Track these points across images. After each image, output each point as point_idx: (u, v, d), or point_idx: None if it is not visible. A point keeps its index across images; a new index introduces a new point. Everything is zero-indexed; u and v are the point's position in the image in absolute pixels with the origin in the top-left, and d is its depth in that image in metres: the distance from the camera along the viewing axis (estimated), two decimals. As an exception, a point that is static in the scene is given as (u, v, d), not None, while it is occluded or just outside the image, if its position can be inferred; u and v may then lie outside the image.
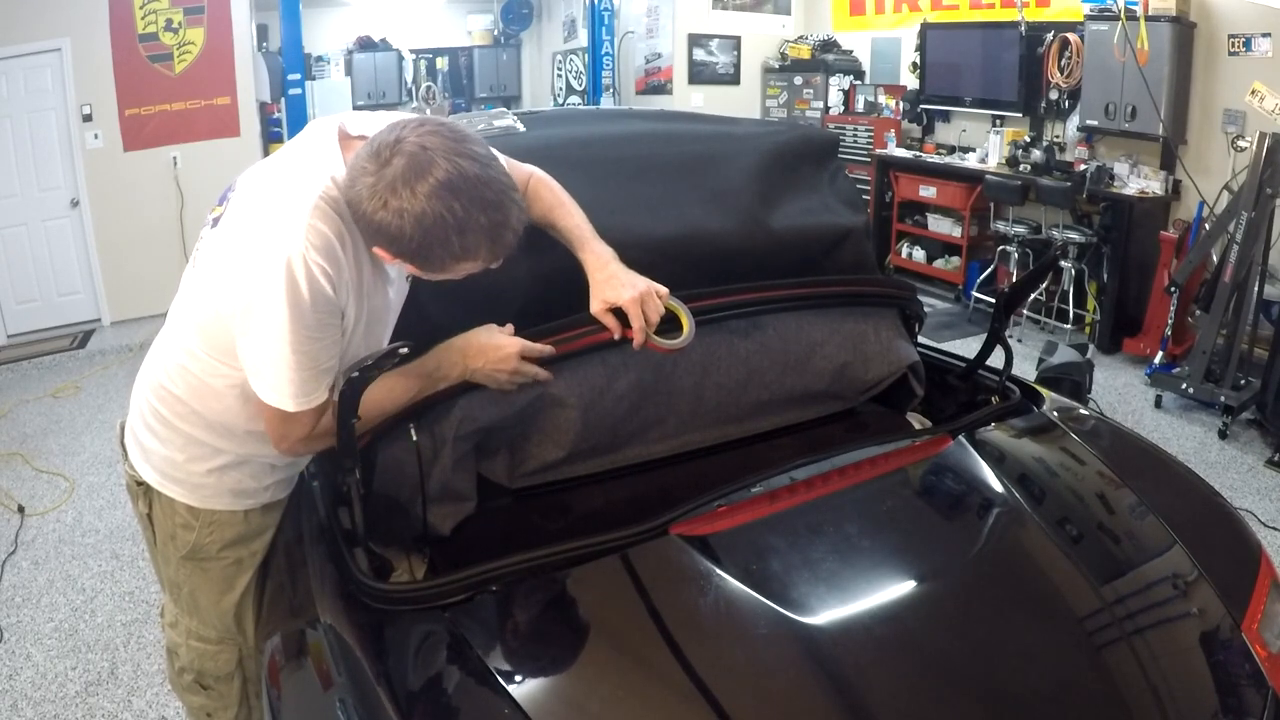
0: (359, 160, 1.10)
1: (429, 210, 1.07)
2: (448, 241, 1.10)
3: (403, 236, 1.09)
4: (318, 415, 1.28)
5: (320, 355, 1.22)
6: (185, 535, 1.48)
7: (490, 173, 1.11)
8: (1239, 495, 3.39)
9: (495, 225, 1.11)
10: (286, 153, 1.28)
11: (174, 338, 1.38)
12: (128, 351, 5.24)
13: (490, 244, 1.13)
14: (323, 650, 1.26)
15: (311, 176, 1.18)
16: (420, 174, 1.06)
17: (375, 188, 1.07)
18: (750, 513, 1.41)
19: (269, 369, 1.20)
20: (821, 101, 7.17)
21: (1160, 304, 4.61)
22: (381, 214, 1.08)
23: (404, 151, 1.07)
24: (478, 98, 9.31)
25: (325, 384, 1.26)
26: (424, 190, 1.06)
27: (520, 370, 1.40)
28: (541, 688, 1.16)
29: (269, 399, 1.23)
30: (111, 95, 5.46)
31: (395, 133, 1.09)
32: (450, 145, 1.08)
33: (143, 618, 2.72)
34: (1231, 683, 1.23)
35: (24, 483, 3.67)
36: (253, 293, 1.16)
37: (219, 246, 1.25)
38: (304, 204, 1.15)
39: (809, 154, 1.96)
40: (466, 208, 1.08)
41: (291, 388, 1.21)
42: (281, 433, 1.30)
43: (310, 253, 1.14)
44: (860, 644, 1.21)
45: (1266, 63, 4.37)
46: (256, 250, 1.16)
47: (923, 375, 1.97)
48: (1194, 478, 1.68)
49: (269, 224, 1.16)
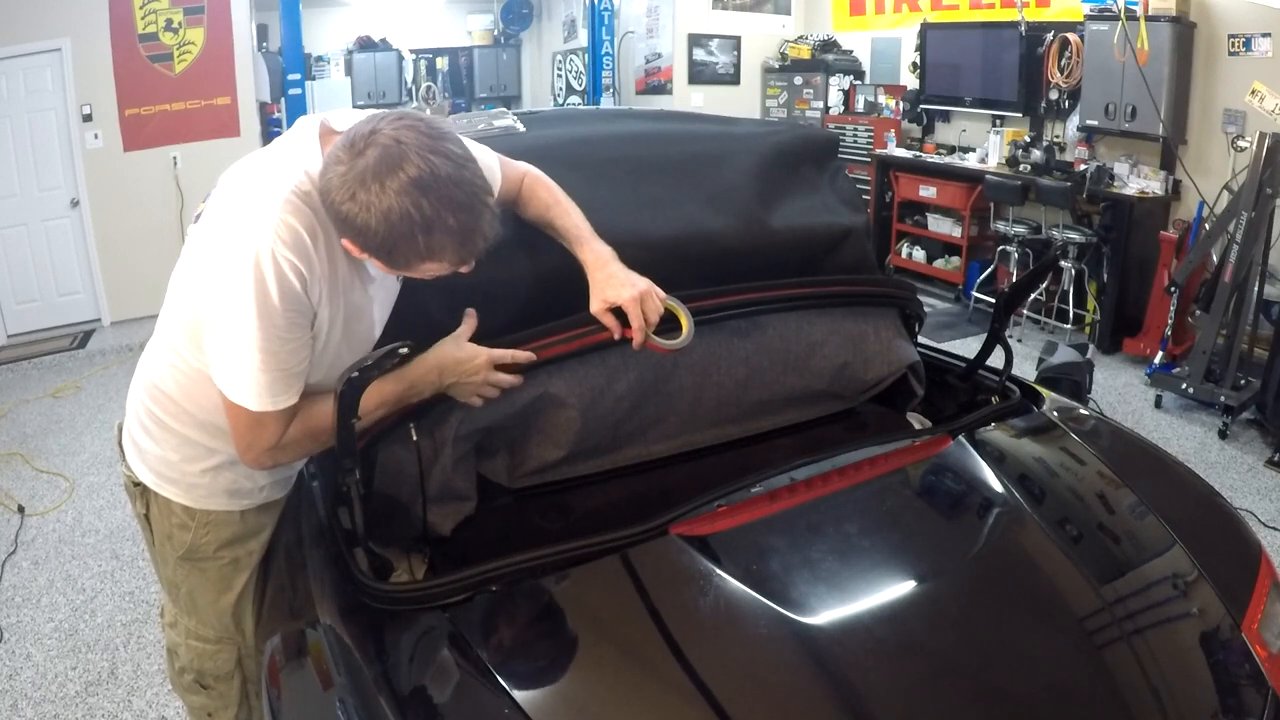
0: (334, 150, 1.09)
1: (396, 206, 1.05)
2: (413, 240, 1.07)
3: (368, 230, 1.07)
4: (284, 423, 1.25)
5: (287, 357, 1.19)
6: (182, 535, 1.48)
7: (464, 174, 1.09)
8: (1239, 495, 3.39)
9: (464, 228, 1.09)
10: (268, 148, 1.28)
11: (163, 337, 1.37)
12: (128, 351, 5.24)
13: (458, 246, 1.11)
14: (323, 650, 1.26)
15: (286, 171, 1.18)
16: (391, 169, 1.04)
17: (345, 178, 1.06)
18: (750, 513, 1.41)
19: (234, 365, 1.18)
20: (821, 101, 7.17)
21: (1160, 304, 4.61)
22: (349, 205, 1.06)
23: (378, 144, 1.06)
24: (478, 98, 9.31)
25: (292, 389, 1.22)
26: (394, 186, 1.04)
27: (492, 381, 1.37)
28: (541, 688, 1.16)
29: (232, 394, 1.20)
30: (111, 95, 5.46)
31: (371, 125, 1.08)
32: (425, 142, 1.06)
33: (143, 618, 2.72)
34: (1231, 683, 1.23)
35: (24, 483, 3.67)
36: (221, 287, 1.15)
37: (197, 242, 1.24)
38: (275, 198, 1.14)
39: (809, 154, 1.96)
40: (435, 207, 1.06)
41: (256, 386, 1.19)
42: (248, 440, 1.25)
43: (279, 247, 1.12)
44: (860, 644, 1.21)
45: (1266, 63, 4.37)
46: (227, 245, 1.15)
47: (923, 375, 1.97)
48: (1194, 478, 1.68)
49: (240, 219, 1.16)
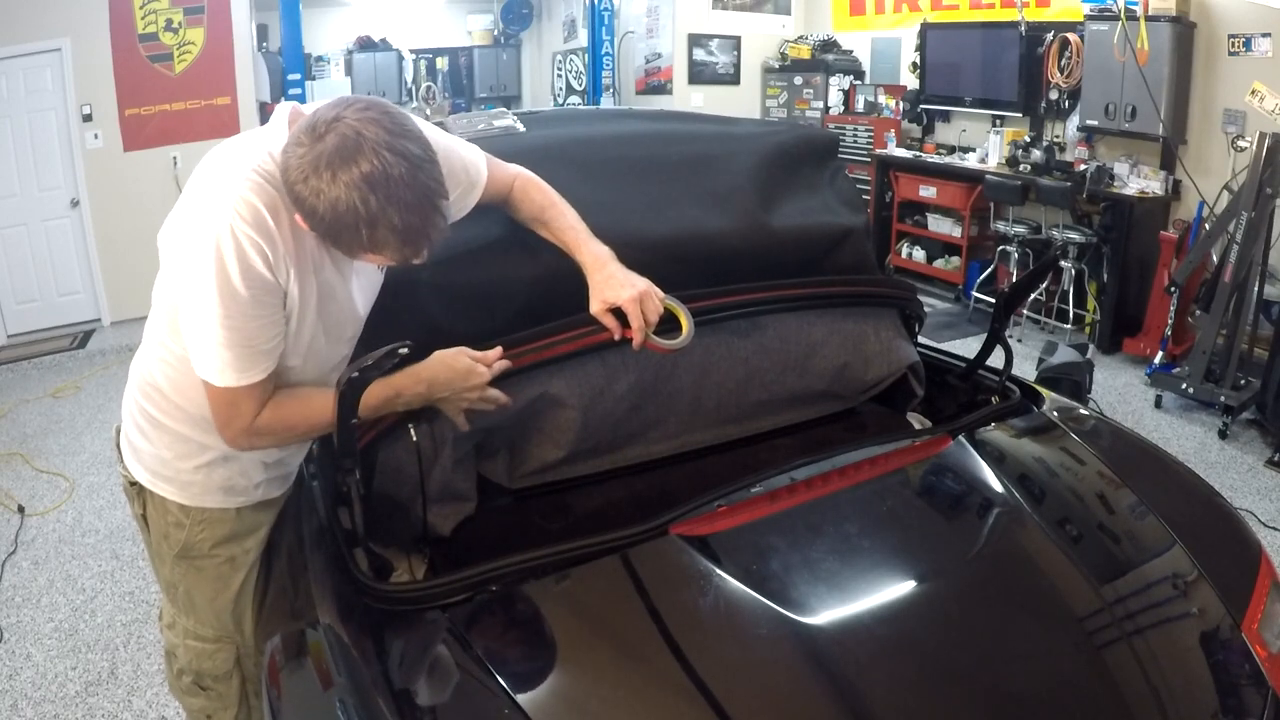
0: (297, 131, 1.11)
1: (344, 198, 1.06)
2: (357, 231, 1.09)
3: (316, 214, 1.09)
4: (258, 403, 1.26)
5: (254, 334, 1.20)
6: (177, 534, 1.48)
7: (418, 175, 1.09)
8: (1239, 495, 3.39)
9: (408, 227, 1.10)
10: (241, 134, 1.30)
11: (152, 331, 1.38)
12: (128, 351, 5.23)
13: (400, 244, 1.12)
14: (323, 650, 1.26)
15: (250, 151, 1.20)
16: (345, 161, 1.06)
17: (302, 160, 1.07)
18: (750, 513, 1.41)
19: (202, 341, 1.20)
20: (821, 101, 7.16)
21: (1160, 304, 4.61)
22: (301, 187, 1.08)
23: (338, 132, 1.07)
24: (478, 98, 9.31)
25: (263, 366, 1.23)
26: (345, 178, 1.06)
27: (486, 398, 1.38)
28: (541, 688, 1.16)
29: (202, 372, 1.22)
30: (111, 95, 5.46)
31: (336, 110, 1.09)
32: (384, 139, 1.07)
33: (143, 618, 2.72)
34: (1231, 683, 1.23)
35: (24, 483, 3.67)
36: (187, 266, 1.17)
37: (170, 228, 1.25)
38: (237, 177, 1.16)
39: (809, 154, 1.96)
40: (382, 204, 1.07)
41: (221, 362, 1.20)
42: (224, 418, 1.27)
43: (239, 224, 1.14)
44: (860, 644, 1.21)
45: (1266, 63, 4.37)
46: (193, 225, 1.17)
47: (923, 375, 1.97)
48: (1194, 478, 1.68)
49: (205, 199, 1.17)
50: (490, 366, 1.37)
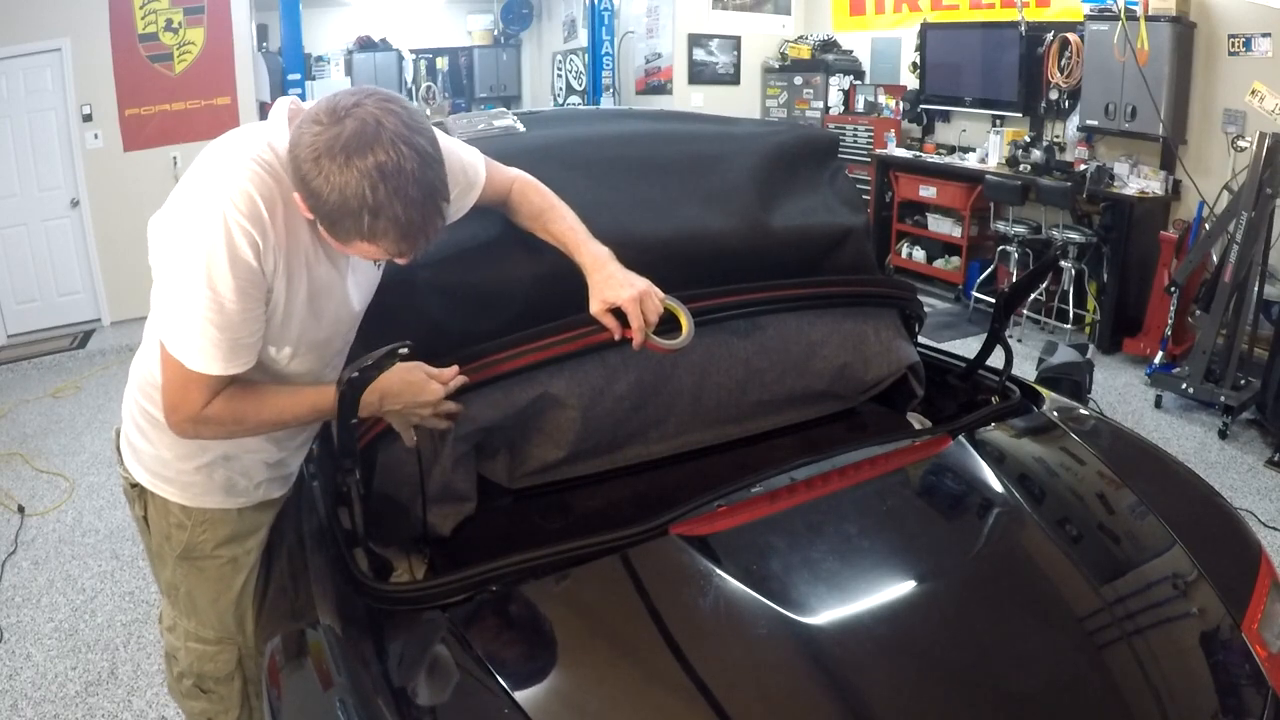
0: (316, 109, 1.11)
1: (353, 184, 1.07)
2: (359, 219, 1.09)
3: (320, 196, 1.09)
4: (211, 391, 1.24)
5: (230, 324, 1.19)
6: (179, 535, 1.48)
7: (427, 173, 1.11)
8: (1239, 495, 3.39)
9: (409, 222, 1.11)
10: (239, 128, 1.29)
11: (152, 332, 1.37)
12: (128, 351, 5.23)
13: (398, 238, 1.13)
14: (323, 650, 1.26)
15: (250, 142, 1.20)
16: (361, 148, 1.06)
17: (317, 138, 1.07)
18: (750, 513, 1.41)
19: (177, 320, 1.19)
20: (821, 101, 7.16)
21: (1160, 304, 4.61)
22: (310, 166, 1.08)
23: (358, 117, 1.07)
24: (478, 98, 9.31)
25: (235, 362, 1.22)
26: (358, 165, 1.06)
27: (440, 412, 1.37)
28: (541, 688, 1.16)
29: (171, 346, 1.21)
30: (111, 95, 5.46)
31: (357, 97, 1.10)
32: (402, 131, 1.08)
33: (143, 618, 2.72)
34: (1231, 683, 1.23)
35: (24, 483, 3.67)
36: (176, 246, 1.16)
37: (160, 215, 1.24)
38: (236, 166, 1.16)
39: (809, 154, 1.96)
40: (389, 195, 1.08)
41: (191, 343, 1.19)
42: (174, 401, 1.25)
43: (233, 213, 1.14)
44: (860, 644, 1.21)
45: (1266, 63, 4.37)
46: (186, 209, 1.17)
47: (923, 375, 1.97)
48: (1194, 478, 1.68)
49: (201, 186, 1.17)
50: (446, 384, 1.36)
